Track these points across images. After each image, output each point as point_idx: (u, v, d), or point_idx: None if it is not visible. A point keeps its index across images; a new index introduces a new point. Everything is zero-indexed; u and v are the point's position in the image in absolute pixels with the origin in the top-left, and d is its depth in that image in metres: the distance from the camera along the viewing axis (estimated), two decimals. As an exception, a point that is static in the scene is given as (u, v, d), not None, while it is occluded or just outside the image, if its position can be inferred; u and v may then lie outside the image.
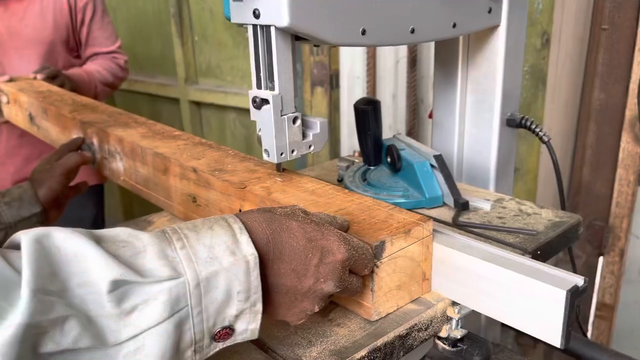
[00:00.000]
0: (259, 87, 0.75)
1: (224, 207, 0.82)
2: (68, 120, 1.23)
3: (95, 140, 1.15)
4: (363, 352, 0.60)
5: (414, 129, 1.96)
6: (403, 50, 1.89)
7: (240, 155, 0.93)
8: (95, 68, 1.89)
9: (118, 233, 0.50)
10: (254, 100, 0.75)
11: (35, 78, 1.65)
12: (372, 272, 0.61)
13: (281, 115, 0.75)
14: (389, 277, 0.62)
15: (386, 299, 0.63)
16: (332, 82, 2.06)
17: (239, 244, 0.52)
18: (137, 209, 3.32)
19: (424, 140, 1.96)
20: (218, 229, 0.53)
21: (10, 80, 1.62)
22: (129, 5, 2.94)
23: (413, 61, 1.88)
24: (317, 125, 0.80)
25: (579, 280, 0.57)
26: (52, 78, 1.67)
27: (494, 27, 0.98)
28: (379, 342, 0.62)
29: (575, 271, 1.06)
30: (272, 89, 0.74)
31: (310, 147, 0.80)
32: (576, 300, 1.16)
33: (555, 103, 1.72)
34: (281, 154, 0.76)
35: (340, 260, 0.56)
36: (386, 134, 1.25)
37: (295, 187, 0.78)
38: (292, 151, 0.78)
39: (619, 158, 1.80)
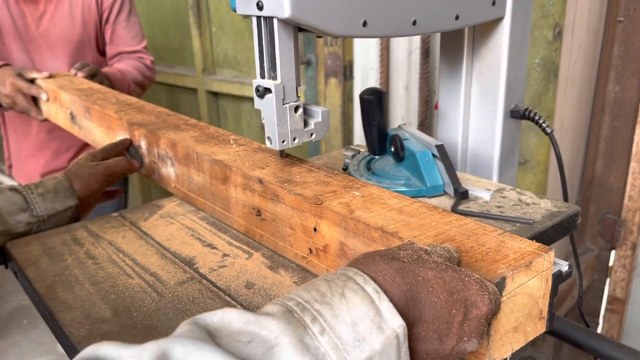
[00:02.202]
0: (262, 76, 0.78)
1: (295, 224, 0.75)
2: (113, 121, 1.17)
3: (143, 143, 1.08)
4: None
5: (426, 120, 1.98)
6: (416, 41, 1.90)
7: (307, 164, 0.85)
8: (126, 67, 1.88)
9: (230, 320, 0.39)
10: (257, 89, 0.78)
11: (75, 75, 1.63)
12: None
13: (283, 104, 0.77)
14: (506, 318, 0.54)
15: (502, 343, 0.55)
16: (346, 73, 2.08)
17: (382, 315, 0.43)
18: (156, 196, 3.39)
19: (436, 131, 1.97)
20: (352, 296, 0.43)
21: (50, 77, 1.59)
22: (149, -4, 2.99)
23: (426, 52, 1.89)
24: (319, 114, 0.82)
25: (563, 266, 0.59)
26: (91, 76, 1.65)
27: (499, 19, 0.99)
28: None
29: (577, 262, 1.07)
30: (275, 78, 0.77)
31: (312, 135, 0.82)
32: (580, 292, 1.16)
33: (567, 95, 1.72)
34: (283, 142, 0.79)
35: (485, 314, 0.48)
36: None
37: (378, 203, 0.70)
38: (294, 139, 0.80)
39: (632, 151, 1.79)
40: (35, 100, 1.60)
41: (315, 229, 0.72)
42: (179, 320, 0.66)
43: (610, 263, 1.98)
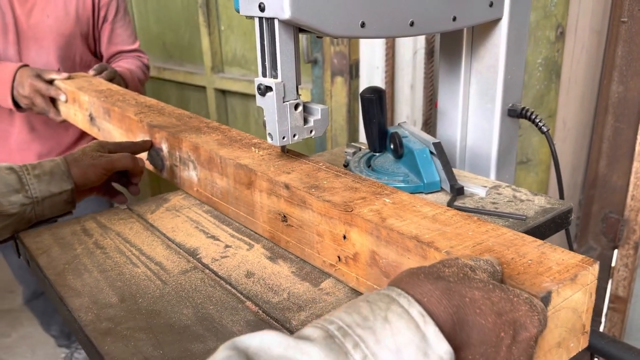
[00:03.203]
0: (264, 75, 0.82)
1: (323, 231, 0.74)
2: (134, 123, 1.16)
3: (164, 146, 1.07)
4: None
5: (430, 119, 2.00)
6: (421, 41, 1.92)
7: (333, 169, 0.84)
8: (132, 67, 1.89)
9: (270, 344, 0.39)
10: (258, 88, 0.81)
11: (94, 76, 1.64)
12: None
13: (284, 102, 0.81)
14: (550, 333, 0.52)
15: None
16: (352, 71, 2.11)
17: (427, 340, 0.41)
18: (164, 190, 3.44)
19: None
20: (396, 320, 0.41)
21: (69, 78, 1.59)
22: (160, -5, 3.03)
23: (431, 52, 1.91)
24: (319, 111, 0.85)
25: (546, 258, 0.61)
26: (109, 80, 1.65)
27: (497, 20, 1.01)
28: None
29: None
30: (276, 77, 0.80)
31: (311, 132, 0.86)
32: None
33: (570, 96, 1.73)
34: (283, 138, 0.82)
35: (534, 335, 0.46)
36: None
37: (410, 211, 0.68)
38: (294, 135, 0.84)
39: (635, 151, 1.80)
40: (53, 101, 1.60)
41: (344, 237, 0.70)
42: (182, 306, 0.70)
43: (613, 262, 1.99)
